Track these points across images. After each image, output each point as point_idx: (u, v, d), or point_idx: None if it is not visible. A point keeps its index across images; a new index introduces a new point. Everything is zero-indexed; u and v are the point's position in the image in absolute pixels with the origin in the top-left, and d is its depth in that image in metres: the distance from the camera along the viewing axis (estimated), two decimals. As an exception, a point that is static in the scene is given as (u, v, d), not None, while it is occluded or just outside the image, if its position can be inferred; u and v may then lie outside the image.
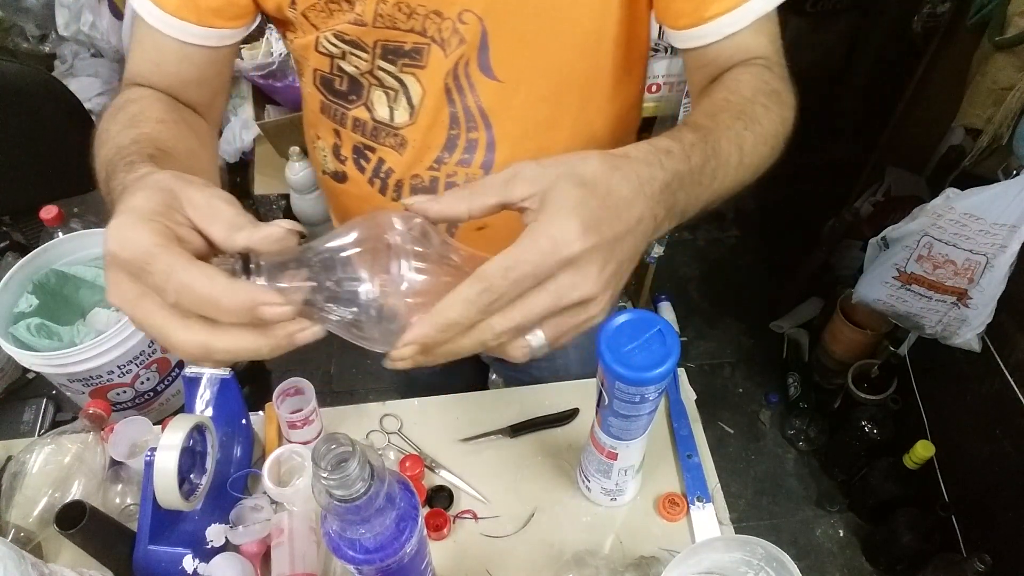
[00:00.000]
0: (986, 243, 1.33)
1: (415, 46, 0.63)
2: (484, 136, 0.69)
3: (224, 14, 0.64)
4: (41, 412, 1.29)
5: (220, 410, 0.82)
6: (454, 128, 0.68)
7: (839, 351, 1.89)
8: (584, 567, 0.78)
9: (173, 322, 0.38)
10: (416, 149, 0.70)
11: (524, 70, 0.65)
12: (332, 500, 0.51)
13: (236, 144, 2.14)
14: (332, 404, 0.94)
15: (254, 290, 0.37)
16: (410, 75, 0.65)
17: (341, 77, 0.68)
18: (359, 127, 0.71)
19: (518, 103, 0.67)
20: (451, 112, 0.67)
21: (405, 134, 0.69)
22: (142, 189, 0.41)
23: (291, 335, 0.39)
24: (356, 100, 0.69)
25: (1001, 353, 1.42)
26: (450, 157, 0.70)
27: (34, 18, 2.31)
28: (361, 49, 0.64)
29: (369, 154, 0.72)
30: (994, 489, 1.47)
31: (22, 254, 1.20)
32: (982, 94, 1.39)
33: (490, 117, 0.67)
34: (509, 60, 0.64)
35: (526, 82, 0.66)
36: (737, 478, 1.90)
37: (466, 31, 0.61)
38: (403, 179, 0.72)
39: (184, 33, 0.63)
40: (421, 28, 0.62)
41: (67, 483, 0.82)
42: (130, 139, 0.53)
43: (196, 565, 0.75)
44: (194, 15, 0.62)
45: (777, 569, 0.65)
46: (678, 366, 0.89)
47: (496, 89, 0.66)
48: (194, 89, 0.67)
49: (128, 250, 0.38)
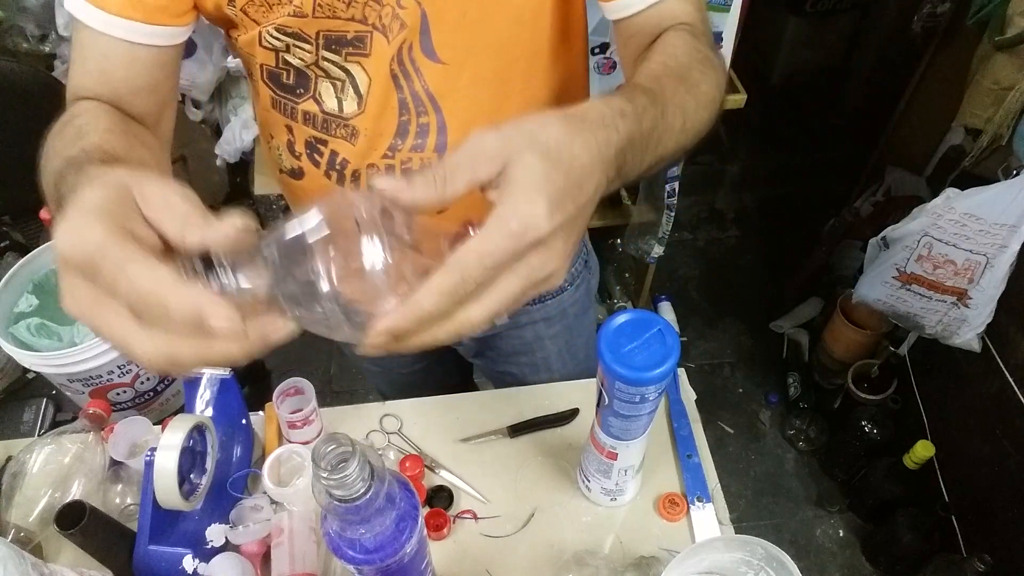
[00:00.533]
0: (986, 243, 1.33)
1: (357, 34, 0.63)
2: (435, 119, 0.69)
3: (169, 11, 0.63)
4: (41, 412, 1.29)
5: (220, 410, 0.82)
6: (404, 114, 0.68)
7: (839, 351, 1.89)
8: (584, 567, 0.78)
9: (133, 329, 0.35)
10: (368, 138, 0.70)
11: (467, 50, 0.65)
12: (332, 500, 0.51)
13: (236, 144, 2.15)
14: (332, 404, 0.94)
15: (199, 297, 0.34)
16: (355, 64, 0.65)
17: (287, 70, 0.68)
18: (309, 120, 0.71)
19: (464, 84, 0.67)
20: (400, 98, 0.67)
21: (355, 124, 0.69)
22: (92, 185, 0.38)
23: (265, 337, 0.37)
24: (304, 93, 0.69)
25: (1001, 353, 1.42)
26: (403, 143, 0.70)
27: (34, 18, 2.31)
28: (304, 40, 0.64)
29: (322, 147, 0.72)
30: (994, 489, 1.47)
31: (22, 254, 1.20)
32: (982, 94, 1.39)
33: (438, 100, 0.68)
34: (452, 41, 0.64)
35: (471, 62, 0.66)
36: (737, 478, 1.90)
37: (406, 15, 0.62)
38: (359, 169, 0.72)
39: (131, 32, 0.62)
40: (361, 16, 0.62)
41: (67, 483, 0.82)
42: (79, 149, 0.52)
43: (196, 565, 0.74)
44: (140, 13, 0.61)
45: (777, 569, 0.65)
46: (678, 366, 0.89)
47: (441, 72, 0.66)
48: (144, 97, 0.65)
49: (79, 249, 0.35)
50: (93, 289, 0.35)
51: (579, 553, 0.79)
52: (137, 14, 0.61)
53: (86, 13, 0.61)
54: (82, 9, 0.61)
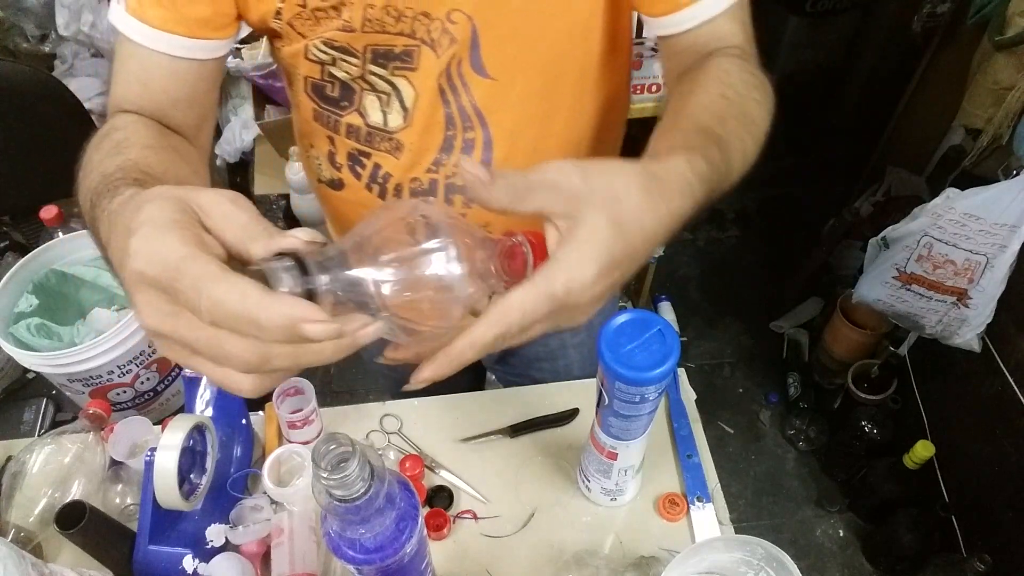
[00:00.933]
0: (986, 243, 1.33)
1: (405, 48, 0.63)
2: (481, 135, 0.68)
3: (212, 24, 0.62)
4: (41, 412, 1.29)
5: (220, 410, 0.83)
6: (450, 129, 0.68)
7: (839, 351, 1.89)
8: (584, 567, 0.78)
9: (223, 343, 0.34)
10: (412, 152, 0.69)
11: (517, 66, 0.65)
12: (332, 500, 0.51)
13: (236, 144, 2.15)
14: (332, 404, 0.94)
15: (291, 307, 0.33)
16: (402, 78, 0.65)
17: (332, 83, 0.67)
18: (353, 133, 0.70)
19: (513, 99, 0.67)
20: (446, 113, 0.67)
21: (400, 138, 0.69)
22: (149, 201, 0.37)
23: (354, 336, 0.36)
24: (348, 106, 0.69)
25: (1001, 353, 1.42)
26: (448, 159, 0.69)
27: (34, 18, 2.31)
28: (351, 55, 0.64)
29: (364, 160, 0.72)
30: (994, 489, 1.47)
31: (22, 254, 1.20)
32: (982, 94, 1.39)
33: (485, 115, 0.67)
34: (501, 57, 0.64)
35: (520, 78, 0.66)
36: (737, 478, 1.90)
37: (456, 31, 0.61)
38: (401, 183, 0.72)
39: (173, 47, 0.62)
40: (410, 30, 0.61)
41: (67, 483, 0.82)
42: (115, 166, 0.51)
43: (196, 565, 0.75)
44: (183, 27, 0.61)
45: (777, 569, 0.65)
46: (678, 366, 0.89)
47: (490, 87, 0.65)
48: (183, 109, 0.65)
49: (155, 264, 0.34)
50: (171, 304, 0.35)
51: (579, 553, 0.79)
52: (180, 28, 0.61)
53: (129, 26, 0.61)
54: (125, 22, 0.61)
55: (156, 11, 0.60)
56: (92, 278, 1.21)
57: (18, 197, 1.36)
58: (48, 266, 1.20)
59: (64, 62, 2.40)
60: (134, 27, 0.61)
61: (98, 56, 2.35)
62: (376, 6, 0.59)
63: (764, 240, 2.41)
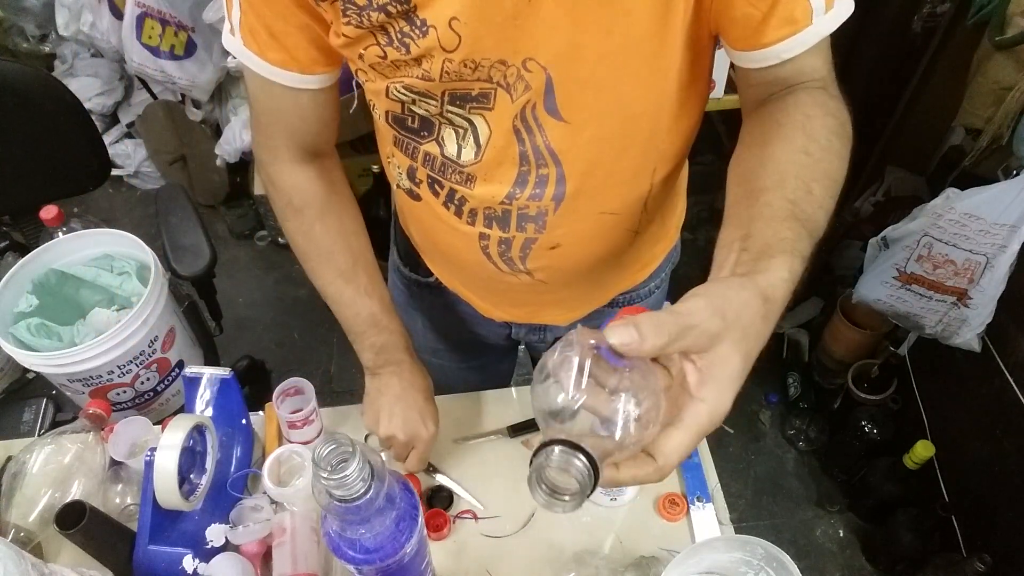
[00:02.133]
0: (986, 243, 1.33)
1: (482, 91, 0.63)
2: (554, 171, 0.69)
3: (321, 62, 0.69)
4: (41, 412, 1.29)
5: (220, 410, 0.83)
6: (524, 165, 0.69)
7: (839, 351, 1.89)
8: (584, 567, 0.78)
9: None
10: (483, 185, 0.71)
11: (591, 111, 0.65)
12: (332, 500, 0.51)
13: (236, 144, 2.15)
14: (332, 404, 0.94)
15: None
16: (479, 115, 0.66)
17: (412, 117, 0.69)
18: (429, 162, 0.72)
19: (586, 140, 0.67)
20: (521, 151, 0.68)
21: (471, 171, 0.70)
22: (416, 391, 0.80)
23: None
24: (428, 136, 0.70)
25: (1001, 353, 1.42)
26: (521, 193, 0.71)
27: (34, 18, 2.31)
28: (430, 98, 0.65)
29: (439, 186, 0.74)
30: (994, 489, 1.47)
31: (22, 254, 1.20)
32: (982, 94, 1.39)
33: (559, 155, 0.68)
34: (576, 103, 0.64)
35: (593, 121, 0.66)
36: (737, 478, 1.90)
37: (531, 78, 0.62)
38: (476, 208, 0.73)
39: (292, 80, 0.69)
40: (487, 76, 0.62)
41: (67, 483, 0.82)
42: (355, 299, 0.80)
43: (196, 565, 0.75)
44: (297, 66, 0.68)
45: (777, 569, 0.65)
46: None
47: (564, 129, 0.66)
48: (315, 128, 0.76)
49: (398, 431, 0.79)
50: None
51: (579, 553, 0.79)
52: (295, 66, 0.68)
53: (254, 63, 0.68)
54: (250, 58, 0.68)
55: (275, 55, 0.67)
56: (92, 278, 1.21)
57: (18, 197, 1.36)
58: (48, 266, 1.20)
59: (64, 62, 2.40)
60: (256, 63, 0.68)
61: (98, 56, 2.35)
62: (455, 60, 0.60)
63: (764, 240, 2.41)
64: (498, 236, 0.74)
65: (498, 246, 0.75)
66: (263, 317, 2.24)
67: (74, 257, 1.23)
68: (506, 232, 0.74)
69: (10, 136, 1.26)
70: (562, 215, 0.71)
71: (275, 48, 0.67)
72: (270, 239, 2.42)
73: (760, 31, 0.59)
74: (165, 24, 1.97)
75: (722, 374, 0.43)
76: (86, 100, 2.33)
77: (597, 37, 0.59)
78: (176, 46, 2.01)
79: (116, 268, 1.23)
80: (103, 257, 1.24)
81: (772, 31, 0.59)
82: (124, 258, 1.25)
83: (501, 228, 0.73)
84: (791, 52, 0.60)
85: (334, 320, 0.81)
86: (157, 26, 1.97)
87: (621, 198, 0.72)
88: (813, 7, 0.58)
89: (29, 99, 1.25)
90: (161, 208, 1.32)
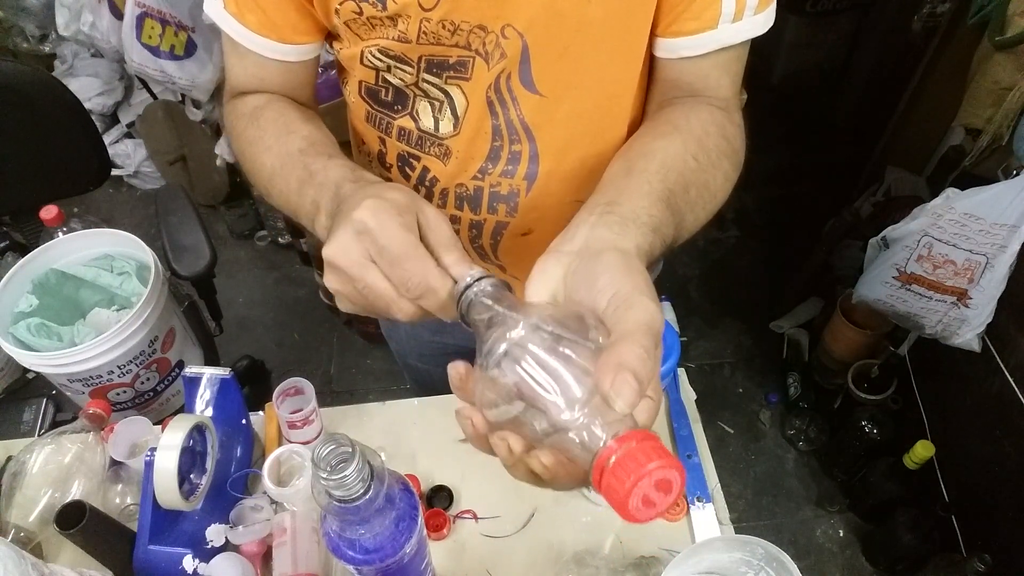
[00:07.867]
0: (986, 243, 1.33)
1: (460, 59, 0.63)
2: (527, 148, 0.69)
3: (299, 28, 0.67)
4: (41, 412, 1.29)
5: (220, 410, 0.83)
6: (497, 140, 0.68)
7: (839, 351, 1.89)
8: (584, 567, 0.78)
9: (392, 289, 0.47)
10: (460, 159, 0.70)
11: (566, 84, 0.65)
12: (332, 500, 0.51)
13: (236, 144, 2.14)
14: (332, 404, 0.94)
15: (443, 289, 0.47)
16: (455, 87, 0.65)
17: (387, 88, 0.68)
18: (404, 136, 0.71)
19: (561, 116, 0.67)
20: (494, 125, 0.67)
21: (449, 144, 0.69)
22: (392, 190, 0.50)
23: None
24: (402, 110, 0.69)
25: (1001, 353, 1.42)
26: (494, 168, 0.70)
27: (34, 18, 2.31)
28: (406, 63, 0.65)
29: (414, 162, 0.73)
30: (994, 489, 1.47)
31: (22, 254, 1.20)
32: (982, 94, 1.39)
33: (533, 131, 0.68)
34: (551, 74, 0.64)
35: (569, 96, 0.66)
36: (737, 478, 1.90)
37: (507, 45, 0.61)
38: (448, 187, 0.73)
39: (266, 50, 0.68)
40: (465, 43, 0.62)
41: (67, 483, 0.82)
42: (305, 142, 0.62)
43: (196, 565, 0.75)
44: (275, 33, 0.66)
45: (777, 569, 0.65)
46: (678, 366, 0.89)
47: (538, 103, 0.66)
48: (299, 92, 0.73)
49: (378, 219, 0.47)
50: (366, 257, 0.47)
51: (579, 553, 0.79)
52: (272, 33, 0.67)
53: (230, 26, 0.67)
54: (226, 21, 0.67)
55: (254, 16, 0.65)
56: (92, 278, 1.21)
57: (18, 197, 1.36)
58: (48, 266, 1.20)
59: (64, 62, 2.40)
60: (234, 27, 0.67)
61: (98, 56, 2.35)
62: (433, 20, 0.60)
63: (764, 240, 2.41)
64: (469, 219, 0.74)
65: (469, 231, 0.75)
66: (263, 317, 2.24)
67: (74, 257, 1.23)
68: (477, 214, 0.73)
69: (10, 136, 1.26)
70: (535, 197, 0.71)
71: (254, 9, 0.65)
72: (270, 239, 2.43)
73: (676, 21, 0.62)
74: (165, 24, 1.97)
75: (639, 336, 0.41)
76: (86, 100, 2.33)
77: (578, 5, 0.59)
78: (176, 46, 2.01)
79: (116, 268, 1.24)
80: (103, 257, 1.24)
81: (684, 23, 0.62)
82: (124, 258, 1.25)
83: (472, 209, 0.73)
84: (691, 51, 0.63)
85: (334, 320, 0.81)
86: (157, 26, 1.97)
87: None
88: (722, 12, 0.60)
89: (29, 99, 1.25)
90: (161, 208, 1.32)
